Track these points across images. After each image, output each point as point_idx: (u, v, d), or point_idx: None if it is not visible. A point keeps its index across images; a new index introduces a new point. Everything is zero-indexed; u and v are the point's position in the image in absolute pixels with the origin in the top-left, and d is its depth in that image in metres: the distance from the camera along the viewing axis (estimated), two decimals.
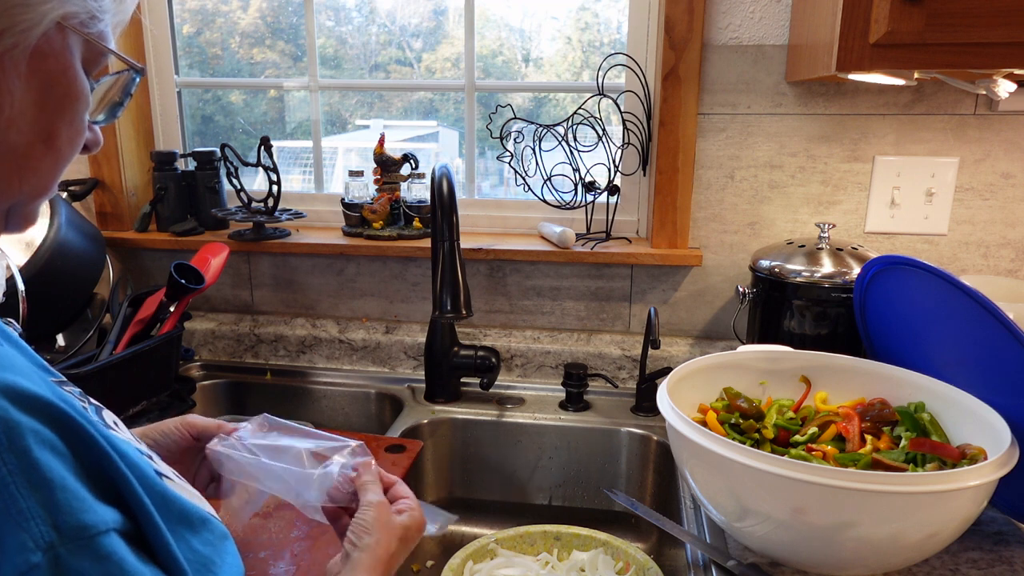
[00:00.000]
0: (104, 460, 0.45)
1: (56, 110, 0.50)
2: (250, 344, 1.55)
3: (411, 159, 1.48)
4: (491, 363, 1.32)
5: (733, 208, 1.38)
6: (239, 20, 1.63)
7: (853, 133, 1.31)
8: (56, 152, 0.51)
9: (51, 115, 0.50)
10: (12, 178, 0.50)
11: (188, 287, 1.28)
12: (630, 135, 1.40)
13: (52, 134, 0.50)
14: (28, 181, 0.51)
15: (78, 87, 0.51)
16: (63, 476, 0.42)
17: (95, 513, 0.42)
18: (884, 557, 0.75)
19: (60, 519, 0.41)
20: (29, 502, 0.40)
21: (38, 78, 0.49)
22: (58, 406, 0.43)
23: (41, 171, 0.51)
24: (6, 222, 0.52)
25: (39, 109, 0.49)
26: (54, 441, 0.42)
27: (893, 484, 0.68)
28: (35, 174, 0.51)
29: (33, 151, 0.50)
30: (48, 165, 0.51)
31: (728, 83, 1.32)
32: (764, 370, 1.00)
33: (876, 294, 1.00)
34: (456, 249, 1.19)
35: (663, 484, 1.22)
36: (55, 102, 0.50)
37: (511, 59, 1.61)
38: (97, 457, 0.44)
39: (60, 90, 0.50)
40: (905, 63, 0.97)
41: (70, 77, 0.50)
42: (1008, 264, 1.34)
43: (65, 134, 0.51)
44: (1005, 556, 0.84)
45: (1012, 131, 1.28)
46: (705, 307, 1.43)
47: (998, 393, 0.82)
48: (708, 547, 0.87)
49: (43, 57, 0.49)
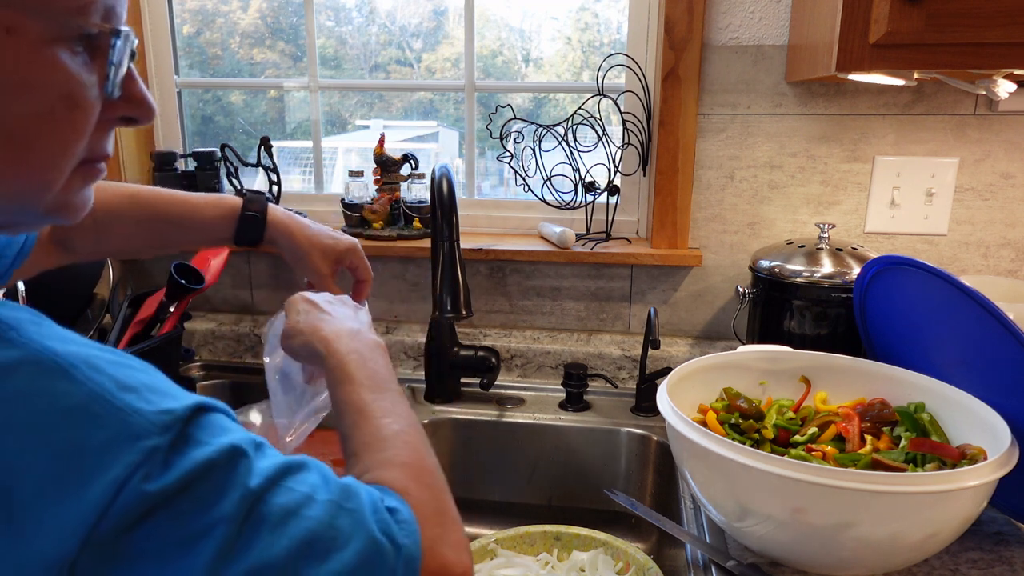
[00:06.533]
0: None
1: (14, 110, 0.42)
2: (250, 344, 1.55)
3: (411, 159, 1.48)
4: (491, 363, 1.32)
5: (733, 208, 1.37)
6: (239, 20, 1.63)
7: (853, 133, 1.31)
8: (37, 153, 0.43)
9: (8, 118, 0.42)
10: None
11: (188, 287, 1.28)
12: (630, 135, 1.40)
13: (19, 136, 0.42)
14: (9, 189, 0.44)
15: (43, 74, 0.42)
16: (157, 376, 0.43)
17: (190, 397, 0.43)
18: (884, 557, 0.75)
19: (165, 405, 0.41)
20: (130, 396, 0.40)
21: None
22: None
23: (22, 177, 0.44)
24: (37, 219, 0.48)
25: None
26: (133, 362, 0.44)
27: (893, 484, 0.68)
28: (15, 181, 0.44)
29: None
30: (28, 171, 0.44)
31: (728, 83, 1.32)
32: (764, 370, 1.00)
33: (876, 294, 1.00)
34: (456, 249, 1.19)
35: (663, 484, 1.22)
36: (8, 101, 0.41)
37: (511, 59, 1.61)
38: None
39: (9, 83, 0.41)
40: (905, 63, 0.97)
41: (22, 65, 0.41)
42: (1008, 264, 1.34)
43: (46, 131, 0.43)
44: (1005, 556, 0.84)
45: (1012, 131, 1.28)
46: (705, 307, 1.43)
47: (998, 393, 0.82)
48: (708, 547, 0.87)
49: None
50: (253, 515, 0.41)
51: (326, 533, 0.43)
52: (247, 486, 0.41)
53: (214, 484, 0.41)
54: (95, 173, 0.50)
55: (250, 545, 0.40)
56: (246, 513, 0.41)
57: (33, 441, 0.37)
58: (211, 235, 0.90)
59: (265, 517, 0.41)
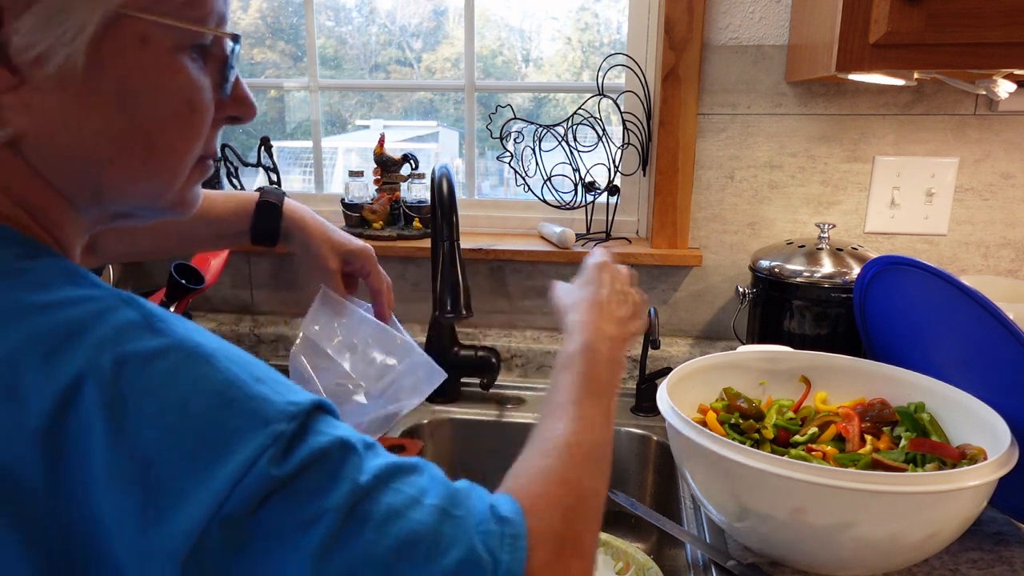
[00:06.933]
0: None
1: (147, 112, 0.45)
2: (250, 344, 1.55)
3: (411, 159, 1.48)
4: (491, 363, 1.32)
5: (733, 208, 1.37)
6: (239, 20, 1.63)
7: (853, 133, 1.31)
8: (164, 152, 0.46)
9: (142, 119, 0.45)
10: (123, 185, 0.47)
11: (188, 287, 1.28)
12: (630, 135, 1.40)
13: (151, 137, 0.45)
14: (139, 186, 0.47)
15: (170, 78, 0.45)
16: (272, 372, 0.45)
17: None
18: (884, 557, 0.75)
19: (291, 397, 0.43)
20: (262, 387, 0.42)
21: (110, 85, 0.43)
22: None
23: (151, 174, 0.47)
24: (156, 213, 0.50)
25: (123, 117, 0.44)
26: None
27: (893, 484, 0.68)
28: (146, 178, 0.47)
29: (131, 159, 0.46)
30: (156, 168, 0.47)
31: (728, 83, 1.32)
32: (764, 370, 1.00)
33: (876, 294, 1.00)
34: (456, 249, 1.19)
35: (663, 484, 1.22)
36: (142, 104, 0.44)
37: (511, 59, 1.61)
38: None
39: (144, 88, 0.44)
40: (905, 63, 0.97)
41: (153, 70, 0.44)
42: (1008, 264, 1.34)
43: (171, 131, 0.46)
44: (1005, 556, 0.84)
45: (1012, 131, 1.28)
46: (705, 307, 1.43)
47: (998, 393, 0.82)
48: (708, 547, 0.87)
49: (108, 61, 0.43)
50: (358, 511, 0.42)
51: (428, 537, 0.43)
52: (356, 480, 0.42)
53: (327, 472, 0.42)
54: (206, 169, 0.53)
55: (354, 539, 0.41)
56: (352, 507, 0.41)
57: (177, 418, 0.39)
58: (228, 228, 0.88)
59: (370, 515, 0.42)
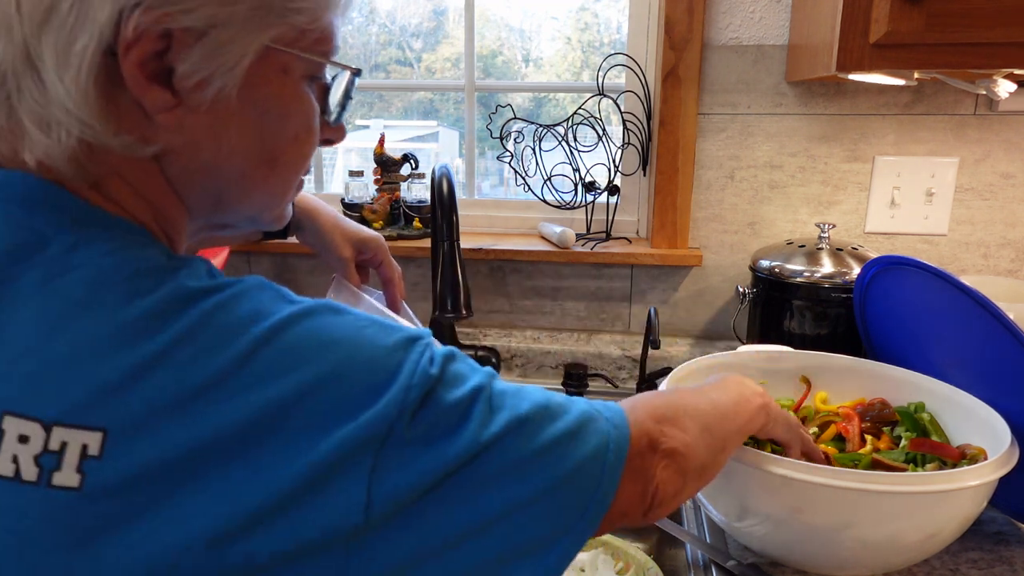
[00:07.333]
0: None
1: (276, 133, 0.49)
2: None
3: (411, 159, 1.48)
4: (491, 363, 1.32)
5: (733, 208, 1.37)
6: None
7: (853, 133, 1.31)
8: (282, 169, 0.51)
9: (271, 140, 0.49)
10: (241, 199, 0.51)
11: None
12: (630, 135, 1.40)
13: (275, 155, 0.50)
14: (255, 200, 0.52)
15: (298, 104, 0.50)
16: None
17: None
18: (884, 557, 0.75)
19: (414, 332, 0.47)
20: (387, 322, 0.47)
21: (252, 109, 0.47)
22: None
23: (268, 189, 0.52)
24: (254, 225, 0.55)
25: (257, 137, 0.49)
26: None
27: (893, 484, 0.68)
28: (263, 193, 0.52)
29: (256, 175, 0.50)
30: (274, 184, 0.52)
31: (728, 83, 1.32)
32: (764, 370, 1.00)
33: (876, 294, 1.00)
34: (456, 249, 1.19)
35: None
36: (274, 127, 0.49)
37: (511, 59, 1.61)
38: None
39: (277, 112, 0.49)
40: (905, 63, 0.97)
41: (287, 98, 0.49)
42: (1008, 264, 1.34)
43: (290, 151, 0.51)
44: (1005, 556, 0.84)
45: (1012, 131, 1.28)
46: (705, 307, 1.43)
47: (998, 393, 0.82)
48: (708, 547, 0.87)
49: (254, 87, 0.47)
50: (495, 391, 0.47)
51: (551, 405, 0.49)
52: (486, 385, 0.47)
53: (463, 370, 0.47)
54: (300, 187, 0.59)
55: (503, 404, 0.46)
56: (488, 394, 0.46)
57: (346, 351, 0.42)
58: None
59: (506, 390, 0.48)
